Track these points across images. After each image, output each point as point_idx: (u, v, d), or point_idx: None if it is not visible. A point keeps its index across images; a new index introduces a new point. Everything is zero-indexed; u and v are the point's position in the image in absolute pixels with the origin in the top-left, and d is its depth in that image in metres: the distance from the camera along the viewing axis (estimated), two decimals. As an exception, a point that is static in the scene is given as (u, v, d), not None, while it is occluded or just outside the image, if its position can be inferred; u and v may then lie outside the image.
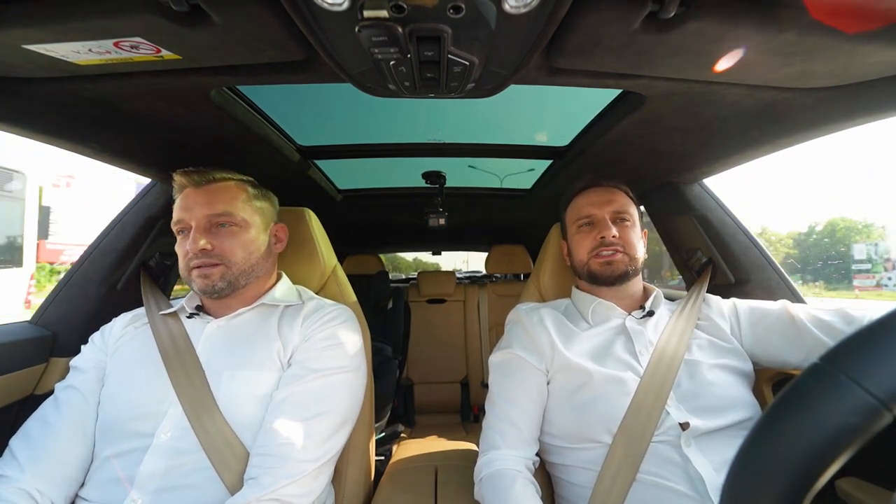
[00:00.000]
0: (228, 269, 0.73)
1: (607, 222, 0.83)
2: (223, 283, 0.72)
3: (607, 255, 0.81)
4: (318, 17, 0.48)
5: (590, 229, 0.85)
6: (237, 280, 0.74)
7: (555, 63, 0.61)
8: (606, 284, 0.84)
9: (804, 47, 0.54)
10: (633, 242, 0.83)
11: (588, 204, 0.87)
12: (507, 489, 0.67)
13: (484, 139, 1.26)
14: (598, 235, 0.82)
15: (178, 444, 0.65)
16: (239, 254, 0.74)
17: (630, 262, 0.82)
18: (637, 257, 0.83)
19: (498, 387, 0.81)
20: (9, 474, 0.62)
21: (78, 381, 0.72)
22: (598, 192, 0.87)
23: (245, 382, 0.69)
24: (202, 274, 0.72)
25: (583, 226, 0.87)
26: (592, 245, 0.83)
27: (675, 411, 0.69)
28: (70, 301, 0.96)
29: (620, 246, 0.82)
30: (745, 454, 0.29)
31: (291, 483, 0.61)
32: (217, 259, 0.72)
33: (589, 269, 0.84)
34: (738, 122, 0.81)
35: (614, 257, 0.81)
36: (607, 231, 0.81)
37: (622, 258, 0.81)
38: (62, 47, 0.53)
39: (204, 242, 0.71)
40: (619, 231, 0.82)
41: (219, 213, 0.74)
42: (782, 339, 0.75)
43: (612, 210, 0.84)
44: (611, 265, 0.81)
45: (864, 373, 0.26)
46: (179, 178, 0.75)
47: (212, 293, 0.73)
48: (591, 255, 0.84)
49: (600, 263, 0.82)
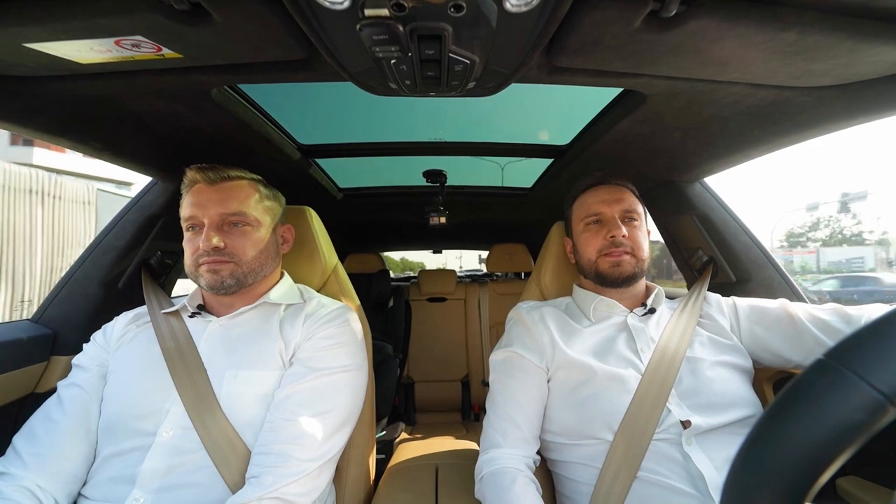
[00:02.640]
0: (238, 266, 0.74)
1: (617, 221, 0.81)
2: (232, 279, 0.73)
3: (616, 256, 0.80)
4: (319, 16, 0.48)
5: (598, 228, 0.84)
6: (245, 278, 0.75)
7: (556, 62, 0.61)
8: (613, 286, 0.83)
9: (805, 46, 0.54)
10: (641, 243, 0.82)
11: (598, 202, 0.85)
12: (507, 488, 0.67)
13: (485, 138, 1.26)
14: (609, 235, 0.81)
15: (180, 443, 0.65)
16: (250, 253, 0.75)
17: (637, 263, 0.81)
18: (644, 258, 0.82)
19: (499, 385, 0.81)
20: (12, 472, 0.63)
21: (81, 378, 0.73)
22: (608, 189, 0.86)
23: (247, 381, 0.70)
24: (211, 269, 0.72)
25: (591, 223, 0.85)
26: (602, 244, 0.82)
27: (676, 409, 0.69)
28: (71, 299, 0.96)
29: (629, 247, 0.80)
30: (749, 449, 0.29)
31: (293, 482, 0.61)
32: (228, 257, 0.73)
33: (597, 269, 0.83)
34: (739, 121, 0.81)
35: (623, 258, 0.80)
36: (618, 230, 0.80)
37: (630, 260, 0.81)
38: (63, 46, 0.53)
39: (217, 240, 0.72)
40: (628, 231, 0.81)
41: (233, 212, 0.74)
42: (782, 337, 0.75)
43: (622, 209, 0.83)
44: (619, 266, 0.80)
45: (870, 369, 0.26)
46: (193, 173, 0.75)
47: (219, 289, 0.74)
48: (599, 255, 0.82)
49: (609, 264, 0.81)
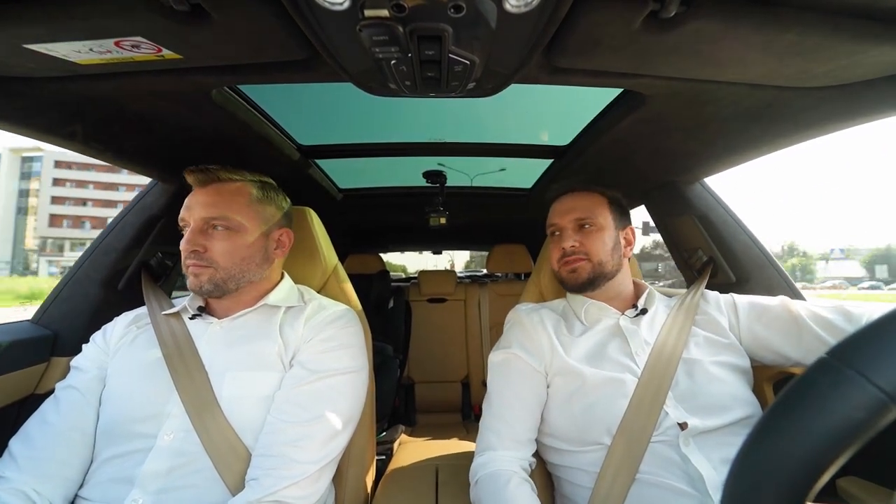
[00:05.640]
0: (216, 272, 0.73)
1: (567, 232, 0.85)
2: (210, 285, 0.73)
3: (571, 263, 0.83)
4: (319, 17, 0.48)
5: (557, 239, 0.88)
6: (225, 283, 0.74)
7: (555, 62, 0.61)
8: (574, 291, 0.86)
9: (804, 47, 0.54)
10: (596, 248, 0.83)
11: (554, 213, 0.90)
12: (501, 489, 0.67)
13: (485, 138, 1.26)
14: (559, 246, 0.85)
15: (181, 446, 0.65)
16: (229, 259, 0.74)
17: (594, 268, 0.82)
18: (603, 261, 0.83)
19: (496, 387, 0.81)
20: (7, 475, 0.62)
21: (78, 381, 0.72)
22: (565, 199, 0.89)
23: (247, 384, 0.69)
24: (192, 273, 0.73)
25: (552, 234, 0.90)
26: (559, 254, 0.86)
27: (673, 411, 0.68)
28: (71, 300, 0.96)
29: (583, 253, 0.83)
30: (751, 448, 0.29)
31: (293, 485, 0.61)
32: (207, 262, 0.72)
33: (560, 277, 0.87)
34: (739, 122, 0.81)
35: (577, 265, 0.83)
36: (565, 241, 0.84)
37: (585, 265, 0.82)
38: (63, 47, 0.53)
39: (196, 245, 0.72)
40: (580, 238, 0.83)
41: (214, 216, 0.73)
42: (782, 334, 0.75)
43: (573, 218, 0.85)
44: (575, 272, 0.83)
45: (873, 367, 0.26)
46: (188, 175, 0.76)
47: (200, 293, 0.74)
48: (560, 264, 0.86)
49: (567, 271, 0.84)
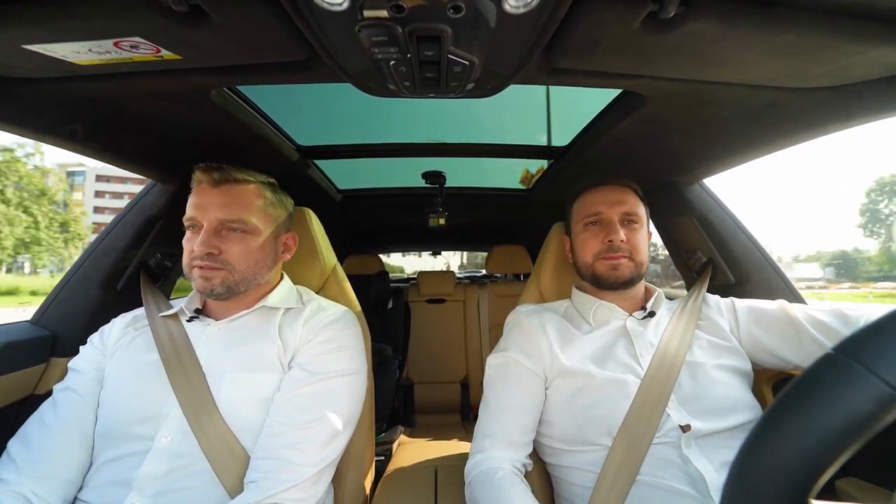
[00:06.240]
0: (230, 274, 0.72)
1: (616, 225, 0.80)
2: (222, 287, 0.72)
3: (614, 259, 0.79)
4: (319, 17, 0.48)
5: (598, 230, 0.82)
6: (237, 286, 0.73)
7: (555, 63, 0.61)
8: (610, 289, 0.82)
9: (804, 48, 0.54)
10: (640, 247, 0.80)
11: (598, 202, 0.83)
12: (492, 481, 0.67)
13: (484, 139, 1.26)
14: (607, 238, 0.79)
15: (179, 448, 0.64)
16: (244, 261, 0.73)
17: (635, 267, 0.80)
18: (643, 262, 0.81)
19: (492, 390, 0.80)
20: (5, 477, 0.62)
21: (76, 382, 0.72)
22: (610, 190, 0.84)
23: (246, 385, 0.69)
24: (203, 276, 0.71)
25: (590, 224, 0.83)
26: (599, 248, 0.81)
27: (675, 413, 0.68)
28: (70, 301, 0.96)
29: (627, 251, 0.79)
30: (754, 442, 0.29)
31: (291, 487, 0.61)
32: (221, 264, 0.71)
33: (593, 272, 0.82)
34: (739, 122, 0.81)
35: (620, 262, 0.79)
36: (615, 235, 0.78)
37: (627, 264, 0.79)
38: (62, 47, 0.53)
39: (211, 247, 0.70)
40: (627, 234, 0.79)
41: (231, 218, 0.72)
42: (781, 338, 0.75)
43: (623, 211, 0.81)
44: (616, 270, 0.79)
45: (879, 362, 0.26)
46: (199, 173, 0.74)
47: (209, 295, 0.73)
48: (596, 258, 0.81)
49: (606, 267, 0.80)
